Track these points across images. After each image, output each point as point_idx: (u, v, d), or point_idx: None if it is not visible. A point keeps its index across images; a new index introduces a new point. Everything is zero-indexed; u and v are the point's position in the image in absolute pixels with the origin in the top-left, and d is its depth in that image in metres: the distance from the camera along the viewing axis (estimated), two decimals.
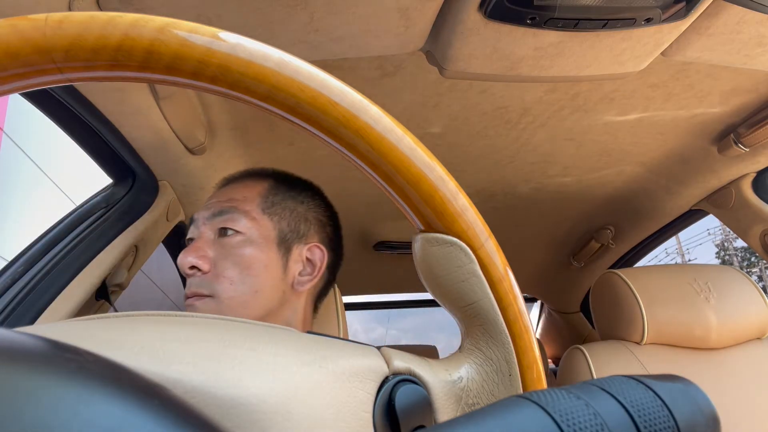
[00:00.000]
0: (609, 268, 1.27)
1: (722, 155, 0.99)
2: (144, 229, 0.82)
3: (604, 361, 0.97)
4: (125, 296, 0.86)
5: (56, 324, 0.25)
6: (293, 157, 0.99)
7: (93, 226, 0.76)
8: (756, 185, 1.04)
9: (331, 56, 0.65)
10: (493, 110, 0.87)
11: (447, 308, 0.29)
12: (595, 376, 0.96)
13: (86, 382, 0.12)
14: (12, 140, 3.81)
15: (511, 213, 1.31)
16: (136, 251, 0.85)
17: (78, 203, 0.82)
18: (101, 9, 0.54)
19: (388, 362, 0.25)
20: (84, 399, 0.11)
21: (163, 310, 0.26)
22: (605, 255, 1.46)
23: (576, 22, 0.58)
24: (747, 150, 0.93)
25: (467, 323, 0.28)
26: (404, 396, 0.24)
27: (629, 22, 0.58)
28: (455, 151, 1.00)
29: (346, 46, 0.63)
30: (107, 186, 0.86)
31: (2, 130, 3.71)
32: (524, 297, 0.38)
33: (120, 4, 0.53)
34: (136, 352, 0.20)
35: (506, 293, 0.27)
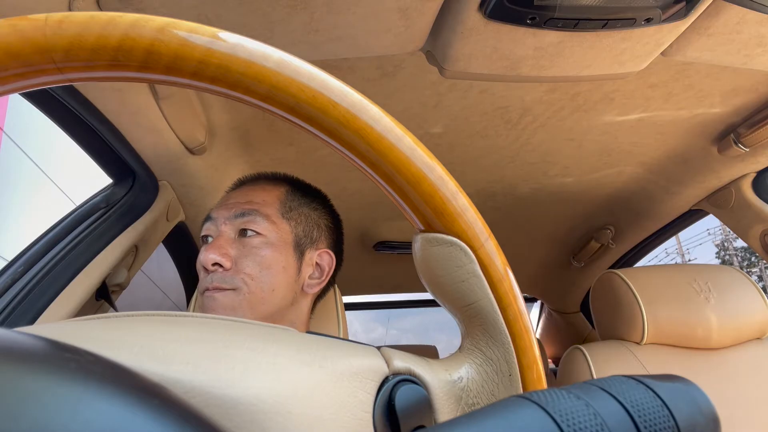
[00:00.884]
0: (609, 268, 1.27)
1: (722, 155, 0.99)
2: (144, 229, 0.82)
3: (604, 361, 0.97)
4: (125, 296, 0.86)
5: (56, 324, 0.25)
6: (293, 157, 0.99)
7: (93, 226, 0.76)
8: (756, 185, 1.04)
9: (331, 56, 0.65)
10: (493, 110, 0.87)
11: (447, 308, 0.29)
12: (595, 376, 0.96)
13: (86, 382, 0.12)
14: (12, 140, 3.81)
15: (511, 213, 1.31)
16: (136, 251, 0.85)
17: (78, 203, 0.82)
18: (101, 9, 0.54)
19: (388, 362, 0.25)
20: (84, 399, 0.11)
21: (163, 310, 0.26)
22: (605, 255, 1.46)
23: (576, 22, 0.58)
24: (747, 150, 0.93)
25: (467, 323, 0.28)
26: (404, 396, 0.24)
27: (629, 22, 0.58)
28: (455, 151, 1.00)
29: (346, 46, 0.63)
30: (107, 186, 0.86)
31: (2, 130, 3.71)
32: (524, 297, 0.38)
33: (120, 4, 0.53)
34: (136, 352, 0.20)
35: (506, 293, 0.27)
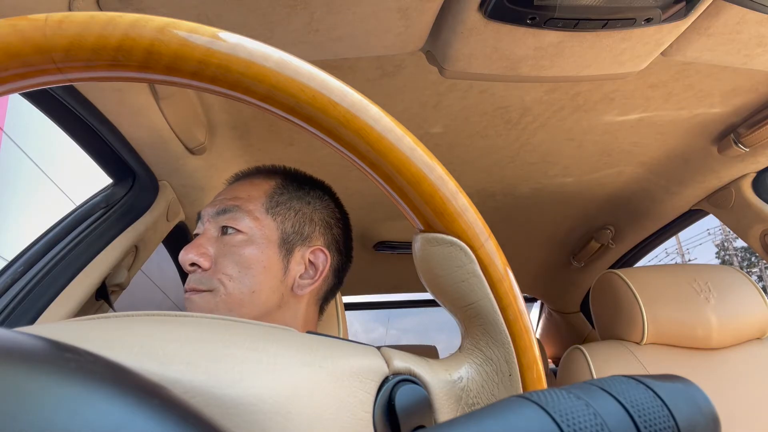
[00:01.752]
0: (609, 268, 1.27)
1: (722, 155, 0.99)
2: (144, 229, 0.82)
3: (604, 361, 0.97)
4: (125, 296, 0.86)
5: (56, 324, 0.25)
6: (293, 157, 0.99)
7: (93, 226, 0.76)
8: (756, 185, 1.04)
9: (331, 56, 0.65)
10: (493, 110, 0.87)
11: (447, 308, 0.29)
12: (595, 376, 0.96)
13: (86, 382, 0.12)
14: (12, 140, 3.81)
15: (511, 213, 1.31)
16: (136, 251, 0.85)
17: (78, 203, 0.82)
18: (101, 9, 0.54)
19: (388, 362, 0.25)
20: (84, 399, 0.11)
21: (163, 310, 0.26)
22: (605, 255, 1.46)
23: (576, 22, 0.58)
24: (747, 150, 0.93)
25: (467, 323, 0.28)
26: (404, 396, 0.24)
27: (629, 22, 0.58)
28: (455, 151, 1.00)
29: (346, 46, 0.63)
30: (107, 186, 0.86)
31: (2, 130, 3.71)
32: (524, 297, 0.38)
33: (120, 4, 0.53)
34: (136, 352, 0.20)
35: (506, 293, 0.27)
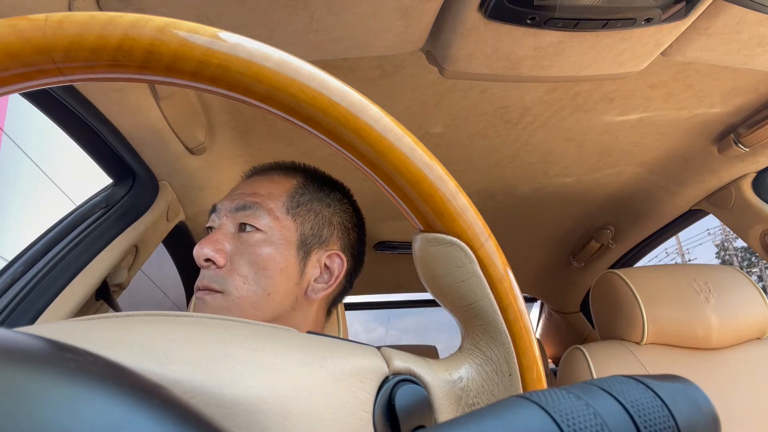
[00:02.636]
0: (609, 268, 1.27)
1: (722, 155, 0.99)
2: (144, 229, 0.82)
3: (604, 361, 0.97)
4: (125, 296, 0.86)
5: (56, 324, 0.25)
6: (293, 157, 0.99)
7: (93, 226, 0.76)
8: (756, 185, 1.04)
9: (331, 56, 0.65)
10: (493, 110, 0.87)
11: (447, 308, 0.29)
12: (595, 376, 0.96)
13: (86, 382, 0.12)
14: (12, 140, 3.81)
15: (511, 213, 1.31)
16: (136, 251, 0.85)
17: (78, 203, 0.82)
18: (101, 9, 0.54)
19: (388, 362, 0.25)
20: (84, 399, 0.11)
21: (163, 310, 0.26)
22: (605, 255, 1.46)
23: (576, 22, 0.58)
24: (747, 150, 0.93)
25: (467, 323, 0.28)
26: (404, 396, 0.24)
27: (629, 22, 0.58)
28: (455, 151, 1.00)
29: (346, 46, 0.63)
30: (107, 186, 0.86)
31: (2, 130, 3.71)
32: (524, 297, 0.38)
33: (120, 4, 0.53)
34: (136, 352, 0.20)
35: (506, 293, 0.27)
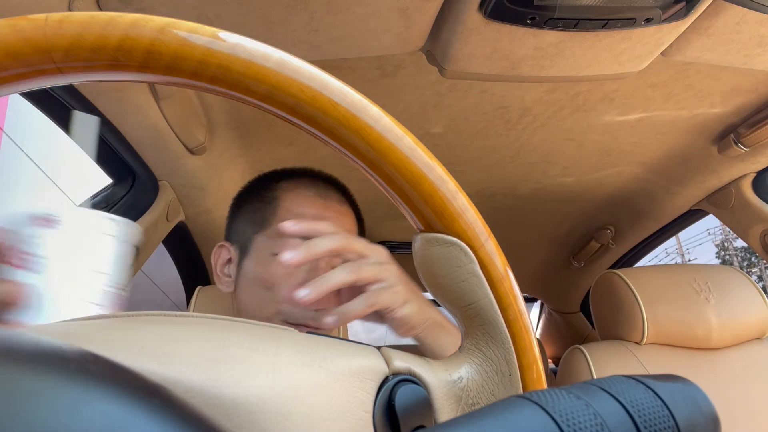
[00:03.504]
0: (609, 268, 1.27)
1: (722, 155, 0.99)
2: (144, 230, 0.82)
3: (604, 361, 0.97)
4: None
5: (58, 323, 0.25)
6: (293, 157, 0.99)
7: None
8: (756, 185, 1.04)
9: (331, 56, 0.65)
10: (493, 110, 0.87)
11: (447, 308, 0.29)
12: (595, 376, 0.96)
13: (86, 382, 0.12)
14: (12, 140, 3.80)
15: (511, 213, 1.31)
16: (136, 251, 0.85)
17: (78, 203, 0.82)
18: (101, 9, 0.54)
19: (388, 362, 0.25)
20: (84, 399, 0.11)
21: (163, 310, 0.26)
22: (605, 255, 1.46)
23: (576, 22, 0.58)
24: (747, 150, 0.93)
25: (467, 323, 0.28)
26: (404, 396, 0.24)
27: (629, 22, 0.58)
28: (455, 151, 1.00)
29: (346, 46, 0.63)
30: (107, 186, 0.86)
31: (2, 130, 3.71)
32: (524, 297, 0.38)
33: (120, 4, 0.53)
34: (137, 353, 0.20)
35: (506, 293, 0.27)
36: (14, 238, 0.32)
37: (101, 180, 0.86)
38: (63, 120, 0.71)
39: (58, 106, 0.68)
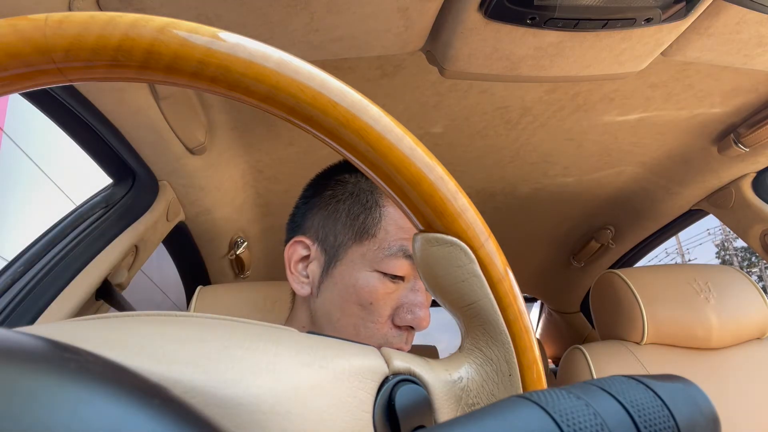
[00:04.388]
0: (609, 268, 1.27)
1: (722, 155, 0.99)
2: (144, 229, 0.82)
3: (604, 361, 0.97)
4: (125, 296, 0.86)
5: (56, 324, 0.25)
6: (293, 157, 0.99)
7: (93, 226, 0.76)
8: (756, 185, 1.04)
9: (331, 56, 0.65)
10: (493, 110, 0.87)
11: (447, 308, 0.29)
12: (595, 376, 0.96)
13: (86, 382, 0.12)
14: (12, 140, 3.80)
15: (511, 213, 1.31)
16: (136, 251, 0.85)
17: (78, 203, 0.82)
18: (101, 9, 0.54)
19: (388, 362, 0.25)
20: (84, 399, 0.11)
21: (163, 310, 0.26)
22: (605, 255, 1.46)
23: (576, 22, 0.58)
24: (747, 150, 0.93)
25: (467, 323, 0.28)
26: (404, 396, 0.24)
27: (629, 22, 0.58)
28: (455, 151, 1.00)
29: (346, 46, 0.63)
30: (107, 186, 0.86)
31: (2, 130, 3.71)
32: (524, 297, 0.38)
33: (120, 4, 0.53)
34: (137, 352, 0.20)
35: (506, 293, 0.27)
36: None
37: (101, 180, 0.86)
38: (63, 120, 0.71)
39: (58, 106, 0.68)
